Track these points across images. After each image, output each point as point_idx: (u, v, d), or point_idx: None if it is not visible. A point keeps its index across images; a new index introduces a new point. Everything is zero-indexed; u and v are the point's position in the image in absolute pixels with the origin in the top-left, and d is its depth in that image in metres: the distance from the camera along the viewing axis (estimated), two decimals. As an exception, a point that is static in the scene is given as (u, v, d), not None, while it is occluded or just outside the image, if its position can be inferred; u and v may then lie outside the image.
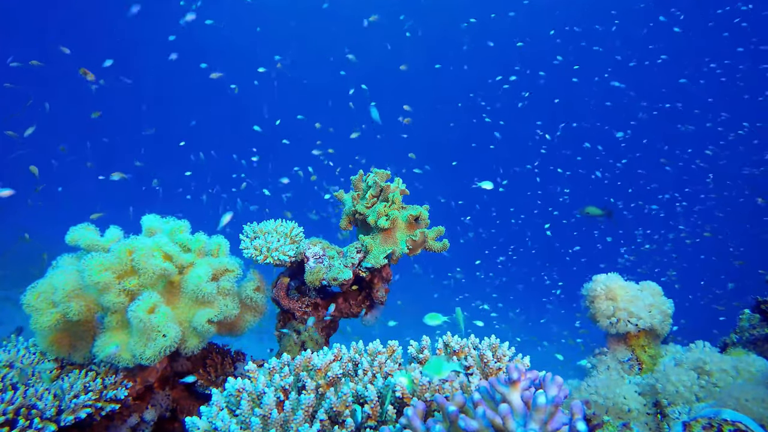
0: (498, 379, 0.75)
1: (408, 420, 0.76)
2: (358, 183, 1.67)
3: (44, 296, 1.27)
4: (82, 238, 1.37)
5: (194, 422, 0.98)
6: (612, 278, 1.73)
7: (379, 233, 1.57)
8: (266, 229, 1.65)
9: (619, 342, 1.70)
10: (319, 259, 1.56)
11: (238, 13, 13.66)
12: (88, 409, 1.22)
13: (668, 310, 1.66)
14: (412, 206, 1.61)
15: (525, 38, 10.53)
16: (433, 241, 1.62)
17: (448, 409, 0.71)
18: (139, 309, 1.23)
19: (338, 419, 0.94)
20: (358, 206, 1.60)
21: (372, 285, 1.63)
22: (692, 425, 1.06)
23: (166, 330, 1.25)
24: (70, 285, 1.26)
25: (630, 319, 1.63)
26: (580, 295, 1.81)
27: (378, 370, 1.09)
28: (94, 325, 1.34)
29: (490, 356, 1.10)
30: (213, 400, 1.03)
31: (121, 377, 1.34)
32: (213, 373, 1.54)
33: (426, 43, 13.74)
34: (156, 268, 1.29)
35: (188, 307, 1.38)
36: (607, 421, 1.33)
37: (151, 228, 1.47)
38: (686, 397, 1.37)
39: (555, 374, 0.75)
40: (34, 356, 1.37)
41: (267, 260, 1.58)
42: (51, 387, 1.22)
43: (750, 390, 1.21)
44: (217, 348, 1.64)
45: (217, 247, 1.51)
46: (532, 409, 0.68)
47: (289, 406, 0.94)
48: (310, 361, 1.09)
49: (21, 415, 1.13)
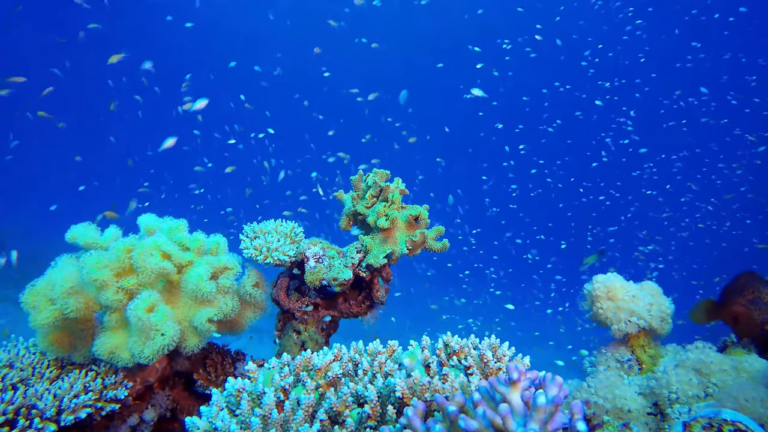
0: (498, 379, 0.75)
1: (408, 420, 0.76)
2: (357, 183, 1.67)
3: (42, 294, 1.27)
4: (81, 236, 1.37)
5: (194, 422, 0.98)
6: (612, 278, 1.73)
7: (378, 233, 1.57)
8: (266, 229, 1.65)
9: (619, 342, 1.70)
10: (319, 259, 1.56)
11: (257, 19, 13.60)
12: (88, 409, 1.22)
13: (668, 309, 1.65)
14: (412, 206, 1.61)
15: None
16: (433, 241, 1.62)
17: (448, 409, 0.71)
18: (137, 308, 1.23)
19: (338, 419, 0.94)
20: (357, 206, 1.60)
21: (372, 285, 1.63)
22: (692, 425, 1.06)
23: (164, 329, 1.25)
24: (68, 282, 1.26)
25: (630, 318, 1.63)
26: (581, 295, 1.81)
27: (378, 370, 1.09)
28: (94, 324, 1.34)
29: (490, 356, 1.10)
30: (213, 400, 1.03)
31: (121, 377, 1.34)
32: (213, 373, 1.54)
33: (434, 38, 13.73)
34: (154, 266, 1.29)
35: (188, 306, 1.38)
36: (607, 421, 1.33)
37: (149, 227, 1.47)
38: (686, 398, 1.37)
39: (555, 374, 0.75)
40: (34, 356, 1.37)
41: (267, 260, 1.58)
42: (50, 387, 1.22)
43: (750, 390, 1.21)
44: (217, 348, 1.64)
45: (216, 245, 1.51)
46: (532, 409, 0.68)
47: (289, 406, 0.94)
48: (310, 361, 1.09)
49: (21, 415, 1.13)
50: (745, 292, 1.46)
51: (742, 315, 1.46)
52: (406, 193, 1.62)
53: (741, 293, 1.46)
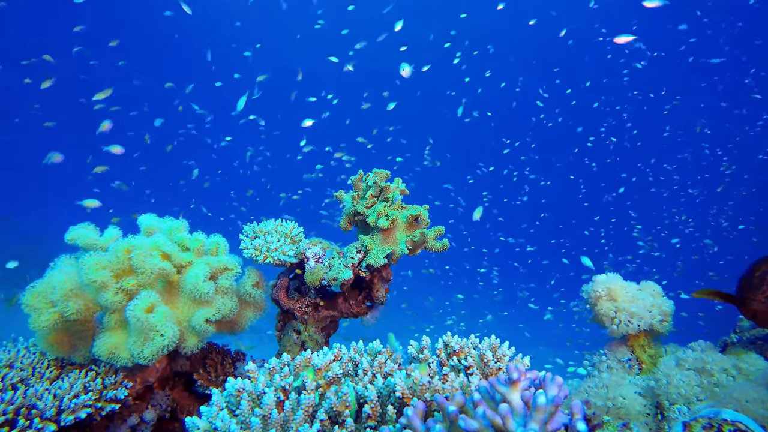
0: (498, 379, 0.75)
1: (408, 420, 0.76)
2: (357, 183, 1.67)
3: (43, 296, 1.26)
4: (80, 237, 1.37)
5: (194, 422, 0.98)
6: (612, 279, 1.73)
7: (379, 233, 1.57)
8: (266, 229, 1.65)
9: (620, 342, 1.70)
10: (319, 259, 1.56)
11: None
12: (88, 409, 1.21)
13: (668, 309, 1.65)
14: (412, 206, 1.61)
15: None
16: (433, 241, 1.62)
17: (448, 409, 0.71)
18: (137, 308, 1.23)
19: (338, 419, 0.94)
20: (357, 206, 1.60)
21: (372, 285, 1.63)
22: (692, 425, 1.06)
23: (164, 329, 1.25)
24: (68, 284, 1.26)
25: (631, 319, 1.63)
26: (581, 296, 1.81)
27: (378, 370, 1.09)
28: (94, 325, 1.34)
29: (490, 356, 1.10)
30: (213, 400, 1.03)
31: (121, 377, 1.34)
32: (213, 373, 1.54)
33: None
34: (154, 267, 1.29)
35: (187, 307, 1.38)
36: (607, 421, 1.33)
37: (149, 227, 1.46)
38: (686, 398, 1.37)
39: (555, 374, 0.75)
40: (34, 356, 1.37)
41: (267, 260, 1.58)
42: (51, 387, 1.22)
43: (750, 390, 1.21)
44: (217, 348, 1.64)
45: (216, 246, 1.50)
46: (532, 409, 0.68)
47: (289, 406, 0.94)
48: (310, 361, 1.09)
49: (21, 415, 1.13)
50: (763, 287, 1.45)
51: (761, 312, 1.46)
52: (406, 193, 1.62)
53: (759, 289, 1.45)
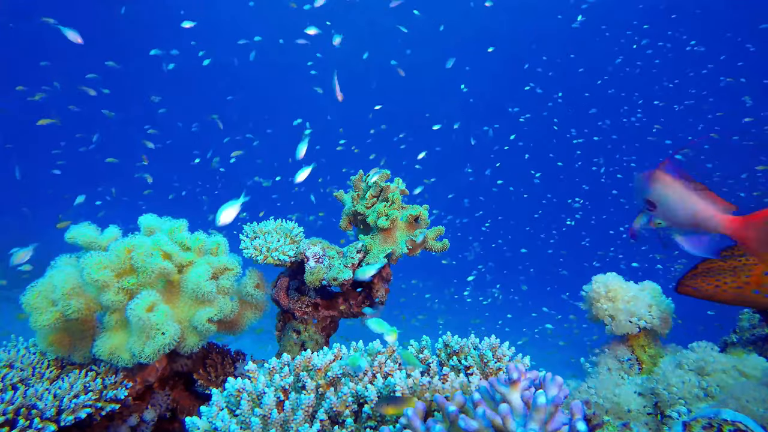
0: (498, 379, 0.75)
1: (408, 420, 0.76)
2: (357, 183, 1.67)
3: (44, 295, 1.27)
4: (81, 236, 1.37)
5: (194, 422, 0.98)
6: (612, 278, 1.72)
7: (378, 233, 1.57)
8: (266, 229, 1.65)
9: (619, 342, 1.70)
10: (319, 259, 1.56)
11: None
12: (88, 409, 1.21)
13: (668, 309, 1.65)
14: (412, 206, 1.61)
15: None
16: (433, 241, 1.62)
17: (448, 409, 0.71)
18: (138, 307, 1.23)
19: (338, 419, 0.94)
20: (357, 206, 1.60)
21: (372, 285, 1.63)
22: (692, 425, 1.06)
23: (165, 327, 1.25)
24: (69, 283, 1.26)
25: (631, 319, 1.63)
26: (580, 296, 1.80)
27: (378, 371, 1.09)
28: (94, 325, 1.34)
29: (490, 356, 1.10)
30: (213, 400, 1.03)
31: (121, 377, 1.34)
32: (213, 373, 1.54)
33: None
34: (155, 266, 1.29)
35: (188, 306, 1.38)
36: (607, 421, 1.33)
37: (149, 227, 1.47)
38: (686, 398, 1.37)
39: (555, 374, 0.75)
40: (34, 356, 1.37)
41: (267, 260, 1.58)
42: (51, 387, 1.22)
43: (751, 390, 1.21)
44: (217, 348, 1.64)
45: (216, 246, 1.50)
46: (532, 409, 0.68)
47: (289, 406, 0.94)
48: (310, 361, 1.09)
49: (21, 415, 1.13)
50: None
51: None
52: (407, 193, 1.63)
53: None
